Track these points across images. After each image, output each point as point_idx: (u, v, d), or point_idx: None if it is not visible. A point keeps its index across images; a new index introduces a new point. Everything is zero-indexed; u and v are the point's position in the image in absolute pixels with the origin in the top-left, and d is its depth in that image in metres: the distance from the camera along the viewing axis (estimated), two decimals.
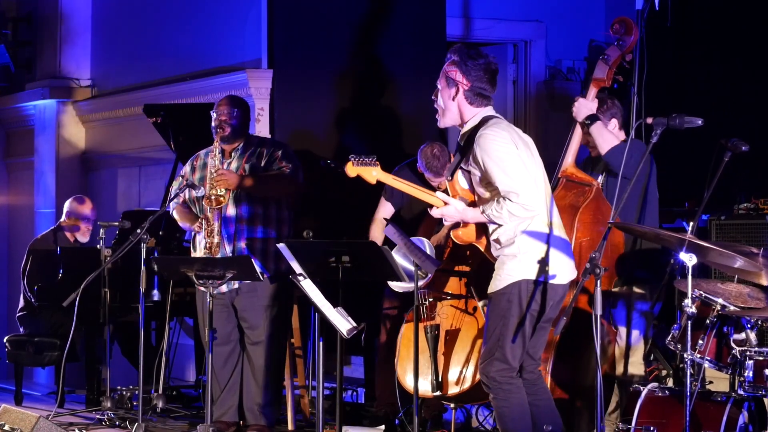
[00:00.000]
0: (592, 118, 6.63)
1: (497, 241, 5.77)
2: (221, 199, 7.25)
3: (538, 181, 5.74)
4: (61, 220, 9.82)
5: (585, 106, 6.67)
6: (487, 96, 5.85)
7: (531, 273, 5.70)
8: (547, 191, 5.82)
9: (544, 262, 5.71)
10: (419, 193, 6.02)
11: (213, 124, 7.45)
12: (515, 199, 5.61)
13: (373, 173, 5.99)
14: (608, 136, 6.58)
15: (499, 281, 5.76)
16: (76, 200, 9.87)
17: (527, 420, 5.79)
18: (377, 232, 7.63)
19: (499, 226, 5.72)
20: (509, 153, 5.66)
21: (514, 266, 5.72)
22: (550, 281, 5.72)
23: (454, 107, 5.85)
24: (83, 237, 9.78)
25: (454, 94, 5.83)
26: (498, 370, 5.73)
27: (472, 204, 5.85)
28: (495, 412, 5.80)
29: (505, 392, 5.74)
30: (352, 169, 5.99)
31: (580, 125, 6.68)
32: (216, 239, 7.28)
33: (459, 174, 5.88)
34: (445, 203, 5.85)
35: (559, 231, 5.81)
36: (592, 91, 6.74)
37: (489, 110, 5.88)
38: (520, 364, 5.78)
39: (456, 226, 5.96)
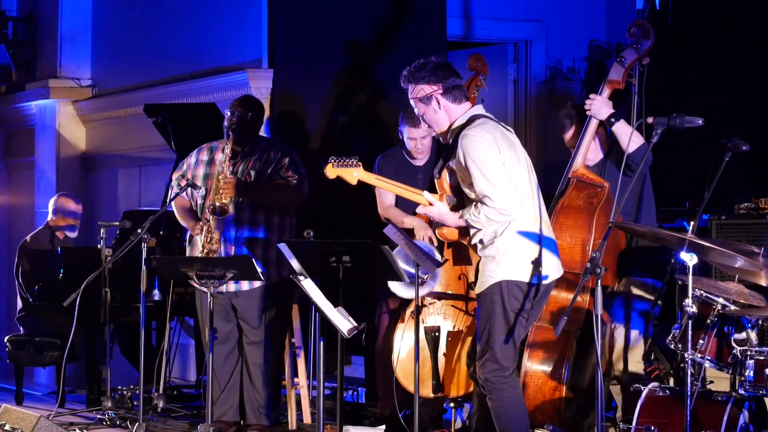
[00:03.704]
0: (616, 116, 6.61)
1: (480, 242, 5.79)
2: (226, 208, 7.22)
3: (520, 183, 5.75)
4: (49, 219, 9.77)
5: (604, 103, 6.65)
6: (460, 85, 5.85)
7: (510, 273, 5.73)
8: (533, 191, 5.83)
9: (525, 262, 5.73)
10: (405, 192, 6.01)
11: (225, 123, 7.43)
12: (490, 204, 5.63)
13: (354, 174, 5.98)
14: (634, 134, 6.54)
15: (482, 283, 5.80)
16: (62, 197, 9.83)
17: (522, 418, 5.81)
18: (393, 215, 7.53)
19: (479, 229, 5.74)
20: (490, 155, 5.67)
21: (494, 267, 5.75)
22: (531, 281, 5.74)
23: (442, 115, 5.86)
24: (72, 233, 9.74)
25: (436, 105, 5.84)
26: (490, 371, 5.75)
27: (460, 202, 5.86)
28: (491, 411, 5.82)
29: (498, 392, 5.76)
30: (331, 171, 5.99)
31: (605, 122, 6.65)
32: (215, 246, 7.27)
33: (446, 172, 5.89)
34: (430, 203, 5.86)
35: (544, 230, 5.82)
36: (606, 92, 6.73)
37: (478, 108, 5.89)
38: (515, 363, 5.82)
39: (441, 224, 5.97)
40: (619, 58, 6.75)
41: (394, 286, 7.08)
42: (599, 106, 6.65)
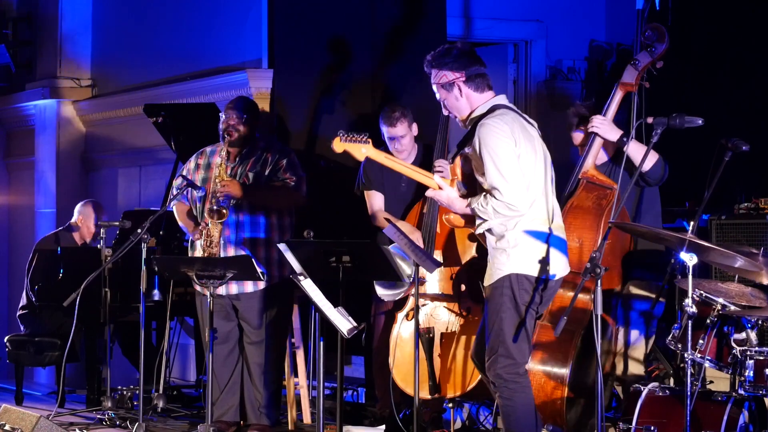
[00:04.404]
0: (627, 136, 6.60)
1: (490, 231, 5.76)
2: (223, 211, 7.22)
3: (534, 180, 5.72)
4: (73, 220, 9.76)
5: (611, 126, 6.64)
6: (483, 73, 5.84)
7: (520, 267, 5.69)
8: (547, 189, 5.81)
9: (534, 258, 5.70)
10: (415, 174, 5.99)
11: (221, 126, 7.41)
12: (499, 197, 5.60)
13: (363, 150, 5.95)
14: (644, 150, 6.54)
15: (491, 275, 5.76)
16: (92, 205, 9.82)
17: (531, 422, 5.76)
18: (383, 222, 7.56)
19: (485, 220, 5.72)
20: (504, 147, 5.64)
21: (503, 260, 5.71)
22: (540, 276, 5.72)
23: (463, 102, 5.84)
24: (90, 238, 9.75)
25: (457, 92, 5.82)
26: (503, 367, 5.70)
27: (472, 190, 5.84)
28: (500, 410, 5.77)
29: (510, 391, 5.71)
30: (338, 145, 5.96)
31: (618, 142, 6.64)
32: (215, 249, 7.26)
33: (460, 159, 5.88)
34: (440, 187, 5.83)
35: (555, 231, 5.80)
36: (618, 95, 6.72)
37: (501, 98, 5.88)
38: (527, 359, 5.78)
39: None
40: (633, 61, 6.73)
41: (378, 288, 7.10)
42: (607, 129, 6.65)
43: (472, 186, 5.84)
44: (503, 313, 5.69)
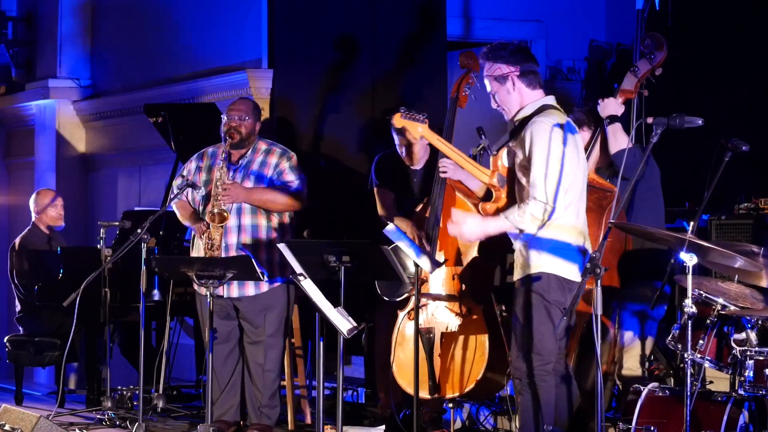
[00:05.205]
0: (613, 118, 6.66)
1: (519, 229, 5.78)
2: (225, 215, 7.21)
3: (573, 184, 5.74)
4: (34, 219, 9.69)
5: (612, 104, 6.73)
6: (536, 71, 5.92)
7: (549, 266, 5.71)
8: (582, 194, 5.83)
9: (562, 259, 5.72)
10: (465, 163, 6.02)
11: (222, 128, 7.38)
12: (538, 196, 5.63)
13: (419, 129, 6.06)
14: (622, 138, 6.59)
15: (522, 270, 5.78)
16: (39, 193, 9.73)
17: (538, 421, 5.77)
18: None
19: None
20: (554, 148, 5.68)
21: (535, 257, 5.74)
22: (567, 277, 5.73)
23: (515, 97, 5.88)
24: (57, 223, 9.68)
25: (510, 86, 5.86)
26: (536, 364, 5.72)
27: (511, 183, 5.85)
28: (519, 405, 5.79)
29: (538, 387, 5.72)
30: (399, 121, 6.08)
31: (604, 120, 6.71)
32: (217, 252, 7.25)
33: (504, 152, 5.89)
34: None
35: (583, 235, 5.81)
36: (618, 101, 6.76)
37: (550, 99, 5.92)
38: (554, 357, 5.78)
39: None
40: (633, 68, 6.80)
41: (380, 287, 7.09)
42: (607, 104, 6.71)
43: (512, 181, 5.86)
44: (532, 310, 5.72)
